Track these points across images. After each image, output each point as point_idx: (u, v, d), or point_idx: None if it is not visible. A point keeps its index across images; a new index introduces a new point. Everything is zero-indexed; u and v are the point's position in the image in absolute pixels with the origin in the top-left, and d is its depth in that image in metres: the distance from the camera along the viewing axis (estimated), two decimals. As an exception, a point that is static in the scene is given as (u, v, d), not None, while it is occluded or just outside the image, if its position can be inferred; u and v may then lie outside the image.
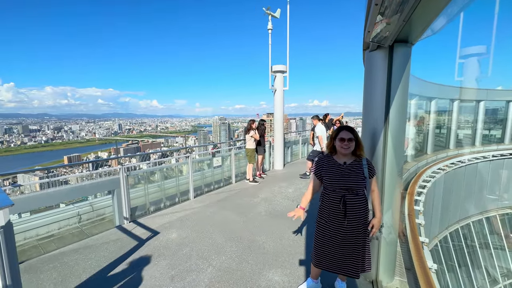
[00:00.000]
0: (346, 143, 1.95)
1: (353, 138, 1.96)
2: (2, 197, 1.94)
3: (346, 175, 1.95)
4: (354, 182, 1.92)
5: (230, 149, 6.92)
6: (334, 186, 1.97)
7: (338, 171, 1.98)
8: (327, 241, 2.04)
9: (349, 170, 1.96)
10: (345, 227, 1.95)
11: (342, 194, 1.94)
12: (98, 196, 5.46)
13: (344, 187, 1.94)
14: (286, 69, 7.32)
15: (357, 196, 1.94)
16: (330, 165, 2.03)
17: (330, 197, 2.00)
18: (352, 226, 1.95)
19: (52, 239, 4.39)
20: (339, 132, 2.00)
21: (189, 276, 2.69)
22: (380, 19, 1.53)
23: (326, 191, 2.05)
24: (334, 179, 1.97)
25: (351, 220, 1.94)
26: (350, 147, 1.96)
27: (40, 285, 2.60)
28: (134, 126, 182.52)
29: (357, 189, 1.93)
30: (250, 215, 4.31)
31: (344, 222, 1.94)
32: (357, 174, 1.94)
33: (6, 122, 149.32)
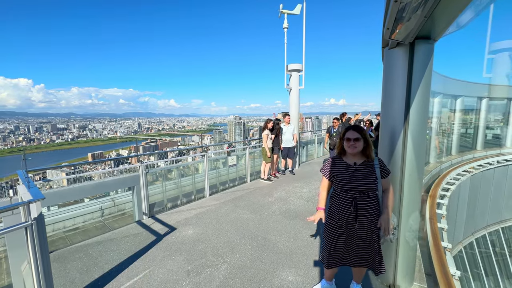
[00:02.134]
0: (352, 143, 1.91)
1: (360, 138, 1.91)
2: (34, 191, 2.10)
3: (357, 176, 1.90)
4: (365, 183, 1.87)
5: (245, 148, 6.97)
6: (345, 187, 1.92)
7: (348, 172, 1.94)
8: (337, 242, 2.00)
9: (360, 171, 1.91)
10: (356, 229, 1.91)
11: (353, 196, 1.89)
12: (119, 192, 5.71)
13: (355, 188, 1.89)
14: (302, 67, 7.24)
15: (368, 198, 1.88)
16: (340, 166, 2.00)
17: (340, 199, 1.96)
18: (363, 228, 1.90)
19: (77, 231, 4.66)
20: (346, 132, 1.97)
21: (204, 271, 2.76)
22: (400, 16, 1.48)
23: (336, 192, 2.02)
24: (344, 181, 1.93)
25: (362, 222, 1.89)
26: (357, 147, 1.90)
27: (67, 274, 2.78)
28: (153, 125, 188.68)
29: (368, 190, 1.87)
30: (265, 214, 4.33)
31: (355, 224, 1.90)
32: (369, 175, 1.89)
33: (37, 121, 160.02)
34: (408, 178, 2.18)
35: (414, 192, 2.25)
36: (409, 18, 1.50)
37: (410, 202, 2.25)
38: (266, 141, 6.16)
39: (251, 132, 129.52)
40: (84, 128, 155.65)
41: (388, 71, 2.23)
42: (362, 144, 1.91)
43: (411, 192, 2.22)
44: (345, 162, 1.99)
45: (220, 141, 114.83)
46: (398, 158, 2.23)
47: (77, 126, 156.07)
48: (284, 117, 6.85)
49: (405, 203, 2.24)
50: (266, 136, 6.17)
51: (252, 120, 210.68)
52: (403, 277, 2.36)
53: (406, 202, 2.23)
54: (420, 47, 2.00)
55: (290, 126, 6.85)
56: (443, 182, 5.68)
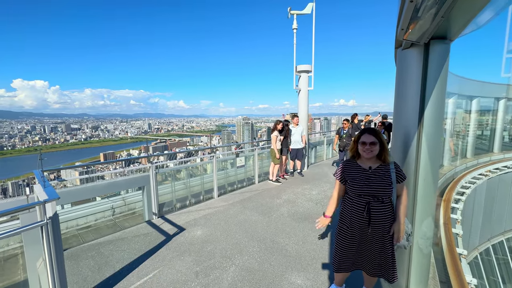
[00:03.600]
0: (368, 147, 1.85)
1: (376, 142, 1.85)
2: (50, 191, 2.16)
3: (371, 181, 1.84)
4: (379, 188, 1.81)
5: (253, 149, 6.97)
6: (358, 192, 1.87)
7: (362, 177, 1.88)
8: (348, 247, 1.96)
9: (375, 175, 1.86)
10: (369, 235, 1.86)
11: (366, 201, 1.84)
12: (129, 191, 5.82)
13: (369, 193, 1.83)
14: (311, 68, 7.18)
15: (382, 204, 1.82)
16: (354, 170, 1.94)
17: (353, 203, 1.91)
18: (376, 234, 1.85)
19: (89, 229, 4.77)
20: (361, 135, 1.91)
21: (212, 273, 2.76)
22: (415, 16, 1.44)
23: (348, 196, 1.97)
24: (358, 185, 1.87)
25: (375, 228, 1.83)
26: (373, 151, 1.85)
27: (80, 272, 2.85)
28: (162, 126, 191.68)
29: (383, 195, 1.82)
30: (273, 216, 4.31)
31: (368, 230, 1.85)
32: (383, 180, 1.83)
33: (52, 122, 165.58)
34: (422, 182, 2.12)
35: (429, 196, 2.18)
36: (425, 18, 1.46)
37: (424, 207, 2.18)
38: (275, 142, 6.14)
39: (259, 133, 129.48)
40: (96, 129, 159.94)
41: (401, 72, 2.18)
42: (378, 148, 1.86)
43: (425, 196, 2.16)
44: (360, 166, 1.94)
45: (228, 141, 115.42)
46: (412, 161, 2.16)
47: (90, 127, 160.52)
48: (293, 118, 6.81)
49: (418, 208, 2.17)
50: (275, 138, 6.15)
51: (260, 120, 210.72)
52: (417, 284, 2.29)
53: (420, 207, 2.16)
54: (436, 47, 1.94)
55: (299, 127, 6.80)
56: (458, 185, 5.50)
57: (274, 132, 6.19)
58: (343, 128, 7.38)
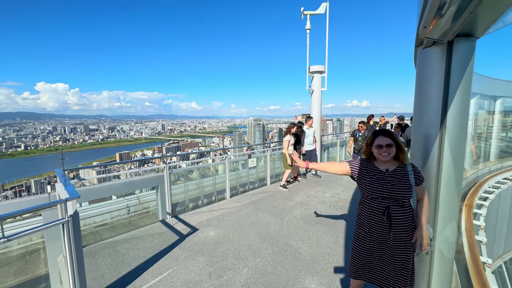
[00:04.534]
0: (385, 149, 1.78)
1: (392, 143, 1.78)
2: (70, 189, 2.24)
3: (390, 184, 1.77)
4: (399, 191, 1.74)
5: (265, 150, 6.95)
6: (376, 195, 1.80)
7: (380, 179, 1.81)
8: (367, 252, 1.89)
9: (393, 178, 1.78)
10: (391, 241, 1.78)
11: (386, 205, 1.77)
12: (143, 191, 5.95)
13: (388, 197, 1.76)
14: (325, 69, 7.08)
15: (403, 208, 1.75)
16: (371, 171, 1.87)
17: (371, 207, 1.83)
18: (398, 240, 1.77)
19: (106, 227, 4.91)
20: (375, 137, 1.84)
21: (225, 274, 2.76)
22: (439, 13, 1.38)
23: (365, 199, 1.89)
24: (376, 188, 1.80)
25: (397, 233, 1.76)
26: (390, 153, 1.78)
27: (98, 269, 2.93)
28: (175, 127, 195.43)
29: (402, 199, 1.74)
30: (286, 218, 4.26)
31: (390, 235, 1.77)
32: (403, 182, 1.75)
33: (72, 122, 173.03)
34: (445, 187, 2.02)
35: (452, 201, 2.07)
36: (450, 15, 1.39)
37: (447, 212, 2.07)
38: (287, 147, 5.84)
39: (271, 134, 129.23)
40: (113, 129, 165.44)
41: (422, 71, 2.09)
42: (395, 149, 1.79)
43: (449, 201, 2.05)
44: (377, 167, 1.87)
45: (240, 142, 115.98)
46: (433, 165, 2.07)
47: (107, 127, 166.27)
48: (308, 120, 6.70)
49: (441, 213, 2.07)
50: (287, 142, 5.85)
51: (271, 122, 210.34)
52: (438, 293, 2.19)
53: (442, 212, 2.06)
54: (460, 46, 1.84)
55: (312, 129, 6.70)
56: (481, 190, 5.22)
57: (287, 136, 5.88)
58: (358, 130, 6.96)
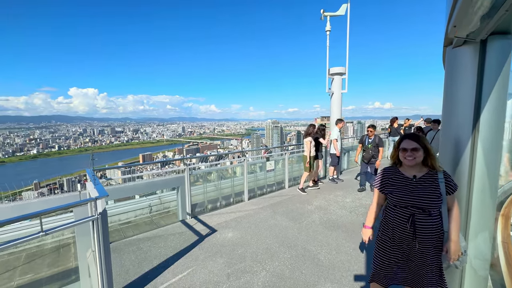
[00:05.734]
0: (409, 153, 1.70)
1: (419, 147, 1.69)
2: (100, 188, 2.38)
3: (417, 191, 1.68)
4: (426, 199, 1.64)
5: (283, 153, 6.90)
6: (401, 203, 1.72)
7: (406, 186, 1.73)
8: (389, 260, 1.81)
9: (421, 185, 1.69)
10: (415, 250, 1.70)
11: (411, 213, 1.68)
12: (163, 191, 6.16)
13: (415, 205, 1.67)
14: (345, 71, 6.92)
15: (430, 217, 1.65)
16: (397, 179, 1.79)
17: (396, 214, 1.76)
18: (424, 250, 1.68)
19: (130, 225, 5.14)
20: (402, 141, 1.78)
21: (243, 277, 2.78)
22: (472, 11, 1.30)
23: (389, 205, 1.82)
24: (402, 196, 1.72)
25: (422, 243, 1.66)
26: (415, 158, 1.69)
27: (122, 264, 3.08)
28: (195, 129, 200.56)
29: (430, 207, 1.64)
30: (304, 223, 4.20)
31: (415, 244, 1.68)
32: (431, 190, 1.66)
33: (100, 125, 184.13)
34: (478, 195, 1.88)
35: (486, 211, 1.92)
36: (484, 13, 1.31)
37: (480, 222, 1.93)
38: (309, 148, 5.71)
39: (289, 137, 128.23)
40: (137, 131, 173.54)
41: (452, 72, 1.98)
42: (421, 154, 1.71)
43: (482, 211, 1.91)
44: (403, 174, 1.79)
45: (258, 145, 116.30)
46: (464, 171, 1.94)
47: (131, 130, 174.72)
48: (339, 122, 6.53)
49: (473, 223, 1.93)
50: (309, 143, 5.72)
51: (289, 124, 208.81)
52: (471, 310, 2.03)
53: (474, 222, 1.92)
54: (495, 44, 1.72)
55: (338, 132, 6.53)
56: (520, 199, 4.79)
57: (308, 138, 5.78)
58: (367, 136, 5.83)
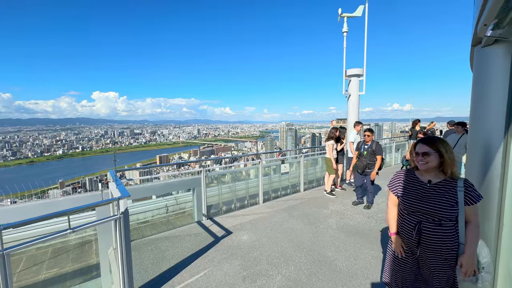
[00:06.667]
0: (420, 157, 1.64)
1: (431, 152, 1.60)
2: (122, 189, 2.47)
3: (428, 197, 1.60)
4: (437, 207, 1.55)
5: (299, 156, 6.83)
6: (410, 208, 1.65)
7: (418, 191, 1.66)
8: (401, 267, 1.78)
9: (434, 192, 1.60)
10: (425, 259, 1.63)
11: (418, 220, 1.61)
12: (179, 192, 6.28)
13: (423, 211, 1.59)
14: (363, 72, 6.75)
15: (439, 227, 1.54)
16: (411, 182, 1.73)
17: (403, 220, 1.71)
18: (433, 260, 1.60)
19: (147, 224, 5.29)
20: (417, 144, 1.73)
21: (259, 280, 2.77)
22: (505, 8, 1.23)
23: (401, 212, 1.77)
24: (411, 200, 1.66)
25: (427, 253, 1.59)
26: (428, 162, 1.61)
27: (142, 263, 3.17)
28: (210, 131, 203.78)
29: (440, 216, 1.54)
30: (320, 227, 4.12)
31: (417, 251, 1.63)
32: (445, 198, 1.55)
33: (120, 127, 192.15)
34: (511, 204, 1.76)
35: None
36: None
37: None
38: (331, 151, 5.81)
39: (303, 139, 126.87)
40: (154, 133, 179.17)
41: (481, 73, 1.88)
42: (434, 159, 1.61)
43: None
44: (417, 178, 1.72)
45: (272, 147, 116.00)
46: (496, 178, 1.82)
47: (149, 132, 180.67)
48: (357, 125, 6.40)
49: (505, 238, 1.80)
50: (331, 146, 5.83)
51: (304, 126, 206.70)
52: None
53: (507, 236, 1.79)
54: (530, 43, 1.62)
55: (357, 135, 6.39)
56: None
57: (331, 141, 5.86)
58: (364, 142, 5.08)
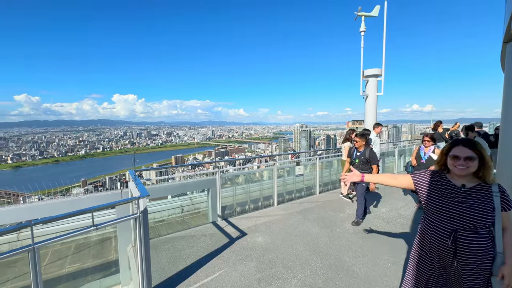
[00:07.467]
0: (462, 162, 1.48)
1: (474, 157, 1.46)
2: (141, 188, 2.54)
3: (464, 203, 1.47)
4: (475, 214, 1.43)
5: (314, 157, 6.73)
6: (445, 215, 1.51)
7: (452, 196, 1.51)
8: (427, 275, 1.63)
9: (470, 197, 1.47)
10: (456, 270, 1.50)
11: (453, 228, 1.48)
12: (194, 192, 6.37)
13: (459, 219, 1.47)
14: (381, 72, 6.56)
15: (476, 235, 1.43)
16: (443, 185, 1.57)
17: (435, 228, 1.57)
18: (466, 271, 1.46)
19: (163, 223, 5.40)
20: (453, 147, 1.56)
21: (274, 283, 2.74)
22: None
23: (429, 217, 1.62)
24: (444, 206, 1.51)
25: (464, 264, 1.45)
26: (469, 167, 1.47)
27: (159, 261, 3.24)
28: (224, 132, 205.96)
29: (478, 224, 1.42)
30: (336, 231, 4.03)
31: (453, 263, 1.49)
32: (482, 204, 1.43)
33: (138, 128, 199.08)
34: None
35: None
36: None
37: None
38: (347, 153, 5.58)
39: (317, 141, 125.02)
40: (170, 135, 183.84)
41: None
42: (476, 164, 1.47)
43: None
44: (450, 181, 1.57)
45: (285, 149, 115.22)
46: (531, 183, 1.70)
47: (165, 133, 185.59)
48: (376, 127, 6.21)
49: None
50: (347, 148, 5.60)
51: (318, 128, 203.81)
52: None
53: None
54: None
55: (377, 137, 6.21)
56: None
57: (347, 142, 5.74)
58: (356, 148, 4.59)
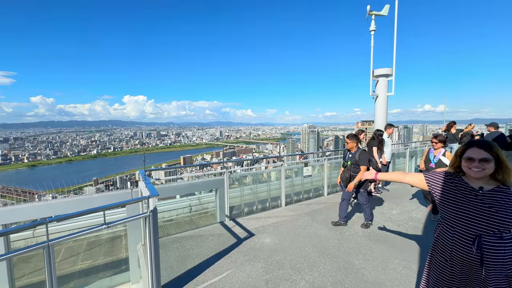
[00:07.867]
0: (477, 164, 1.42)
1: (490, 159, 1.40)
2: (151, 188, 2.57)
3: (486, 207, 1.41)
4: (499, 218, 1.37)
5: (322, 158, 6.66)
6: (465, 219, 1.46)
7: (471, 200, 1.45)
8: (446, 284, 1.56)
9: (489, 200, 1.41)
10: (480, 278, 1.44)
11: (476, 233, 1.42)
12: (201, 192, 6.42)
13: (480, 223, 1.41)
14: (392, 72, 6.43)
15: (501, 240, 1.37)
16: (460, 189, 1.51)
17: (455, 232, 1.50)
18: (491, 279, 1.40)
19: (172, 223, 5.47)
20: (467, 148, 1.50)
21: (282, 284, 2.72)
22: None
23: (447, 221, 1.56)
24: (465, 211, 1.45)
25: (491, 271, 1.39)
26: (485, 169, 1.41)
27: (167, 260, 3.28)
28: (231, 133, 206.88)
29: (502, 228, 1.37)
30: (346, 233, 3.97)
31: (481, 272, 1.42)
32: (504, 207, 1.37)
33: (147, 129, 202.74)
34: None
35: None
36: None
37: None
38: None
39: (326, 142, 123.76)
40: (179, 135, 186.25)
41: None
42: (492, 166, 1.42)
43: None
44: (467, 184, 1.51)
45: (293, 150, 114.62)
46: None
47: (174, 133, 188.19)
48: (388, 128, 6.12)
49: None
50: None
51: (326, 129, 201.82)
52: None
53: None
54: None
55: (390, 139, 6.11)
56: None
57: None
58: (349, 150, 4.36)
